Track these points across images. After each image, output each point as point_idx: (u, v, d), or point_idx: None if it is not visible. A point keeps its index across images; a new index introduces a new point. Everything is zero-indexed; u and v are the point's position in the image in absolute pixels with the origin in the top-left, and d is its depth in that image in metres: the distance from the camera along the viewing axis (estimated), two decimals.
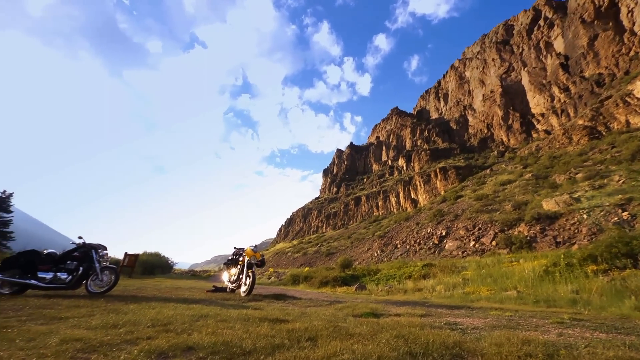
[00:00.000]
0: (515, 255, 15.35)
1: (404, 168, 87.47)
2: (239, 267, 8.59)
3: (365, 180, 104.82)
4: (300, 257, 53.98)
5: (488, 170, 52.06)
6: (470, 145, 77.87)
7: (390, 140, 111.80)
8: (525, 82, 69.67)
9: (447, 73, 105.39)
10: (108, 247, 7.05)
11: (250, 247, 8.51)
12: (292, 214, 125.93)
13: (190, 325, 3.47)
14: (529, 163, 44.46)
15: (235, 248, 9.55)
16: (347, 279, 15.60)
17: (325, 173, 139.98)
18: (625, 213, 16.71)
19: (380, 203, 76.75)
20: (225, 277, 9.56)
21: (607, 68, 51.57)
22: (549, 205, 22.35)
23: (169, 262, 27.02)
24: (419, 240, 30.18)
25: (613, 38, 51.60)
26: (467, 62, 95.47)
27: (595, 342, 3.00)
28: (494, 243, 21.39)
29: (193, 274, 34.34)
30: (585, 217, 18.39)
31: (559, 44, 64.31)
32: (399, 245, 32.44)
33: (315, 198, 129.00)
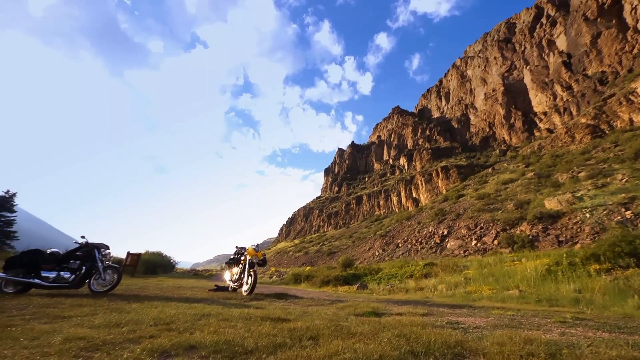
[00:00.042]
0: (517, 255, 15.30)
1: (406, 167, 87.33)
2: (241, 266, 8.61)
3: (367, 180, 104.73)
4: (302, 256, 54.04)
5: (490, 169, 51.86)
6: (472, 144, 77.59)
7: (392, 140, 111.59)
8: (528, 80, 69.30)
9: (448, 72, 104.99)
10: (110, 246, 7.09)
11: (252, 246, 8.52)
12: (293, 214, 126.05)
13: (193, 324, 3.49)
14: (531, 162, 44.24)
15: (237, 247, 9.57)
16: (348, 278, 15.61)
17: (327, 172, 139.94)
18: (629, 212, 16.60)
19: (382, 202, 76.66)
20: (227, 276, 9.58)
21: (610, 66, 51.21)
22: (552, 204, 22.24)
23: (171, 261, 27.14)
24: (421, 240, 30.14)
25: (616, 36, 51.21)
26: (468, 60, 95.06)
27: (598, 341, 2.99)
28: (496, 242, 21.32)
29: (195, 273, 34.47)
30: (588, 216, 18.30)
31: (562, 42, 63.90)
32: (401, 245, 32.40)
33: (317, 197, 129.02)
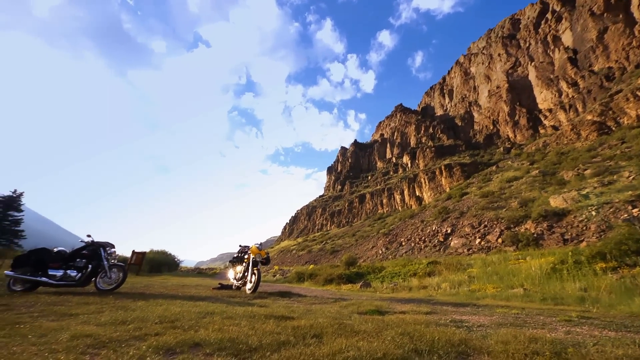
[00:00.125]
0: (522, 253, 15.19)
1: (409, 165, 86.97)
2: (245, 264, 8.65)
3: (370, 178, 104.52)
4: (305, 254, 54.16)
5: (494, 167, 51.45)
6: (476, 142, 77.01)
7: (395, 138, 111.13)
8: (532, 77, 68.50)
9: (452, 69, 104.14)
10: (115, 245, 7.16)
11: (256, 245, 8.55)
12: (296, 212, 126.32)
13: (197, 322, 3.52)
14: (536, 159, 43.80)
15: (241, 246, 9.61)
16: (351, 277, 15.62)
17: (330, 171, 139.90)
18: (636, 210, 16.38)
19: (385, 200, 76.49)
20: (231, 274, 9.63)
21: (617, 61, 50.41)
22: (557, 202, 22.02)
23: (176, 260, 27.35)
24: (424, 238, 30.04)
25: (623, 31, 50.36)
26: (472, 57, 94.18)
27: (604, 340, 2.96)
28: (500, 240, 21.18)
29: (199, 272, 34.73)
30: (594, 214, 18.09)
31: (567, 38, 63.02)
32: (404, 243, 32.33)
33: (320, 196, 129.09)
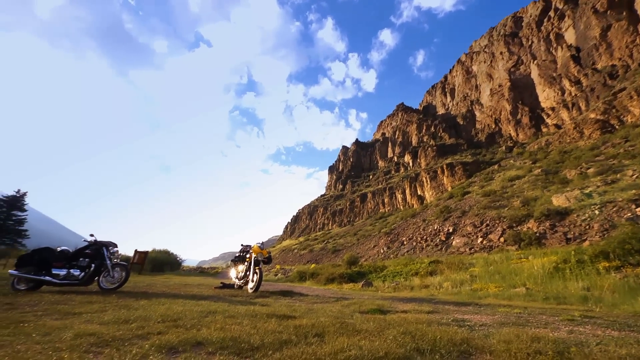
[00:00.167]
0: (524, 252, 15.13)
1: (410, 164, 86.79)
2: (246, 264, 8.67)
3: (371, 177, 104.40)
4: (307, 254, 54.23)
5: (496, 166, 51.26)
6: (478, 141, 76.73)
7: (396, 137, 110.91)
8: (535, 75, 68.12)
9: (453, 67, 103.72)
10: (118, 244, 7.19)
11: (257, 244, 8.57)
12: (298, 212, 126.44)
13: (199, 321, 3.53)
14: (539, 158, 43.60)
15: (242, 245, 9.62)
16: (353, 276, 15.62)
17: (331, 170, 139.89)
18: (639, 209, 16.29)
19: (386, 200, 76.41)
20: (233, 273, 9.66)
21: (620, 59, 50.03)
22: (559, 201, 21.92)
23: (178, 259, 27.43)
24: (426, 237, 29.99)
25: (627, 28, 49.96)
26: (474, 56, 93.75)
27: (608, 339, 2.94)
28: (502, 239, 21.12)
29: (201, 271, 34.86)
30: (597, 212, 17.99)
31: (570, 36, 62.60)
32: (406, 242, 32.30)
33: (321, 195, 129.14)
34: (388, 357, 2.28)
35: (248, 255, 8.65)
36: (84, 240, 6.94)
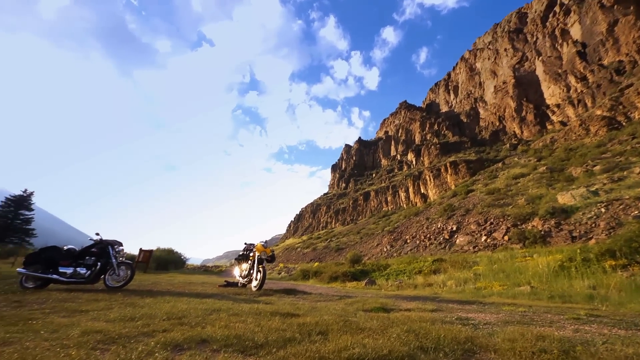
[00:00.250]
0: (529, 250, 15.02)
1: (414, 162, 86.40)
2: (250, 262, 8.71)
3: (374, 176, 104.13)
4: (310, 252, 54.34)
5: (500, 164, 50.85)
6: (482, 139, 76.12)
7: (399, 135, 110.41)
8: (540, 72, 67.31)
9: (457, 65, 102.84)
10: (123, 243, 7.27)
11: (261, 242, 8.61)
12: (301, 210, 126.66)
13: (204, 319, 3.56)
14: (544, 156, 43.16)
15: (246, 244, 9.67)
16: (356, 274, 15.63)
17: (334, 169, 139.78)
18: None
19: (390, 198, 76.20)
20: (237, 272, 9.71)
21: (627, 55, 49.21)
22: (565, 199, 21.70)
23: (182, 257, 27.62)
24: (429, 235, 29.88)
25: (634, 23, 49.09)
26: (478, 52, 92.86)
27: (614, 338, 2.92)
28: (507, 238, 20.97)
29: (205, 269, 35.10)
30: (603, 210, 17.78)
31: (576, 31, 61.69)
32: (409, 241, 32.21)
33: (324, 194, 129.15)
34: (392, 355, 2.28)
35: (251, 254, 8.70)
36: (90, 239, 7.03)
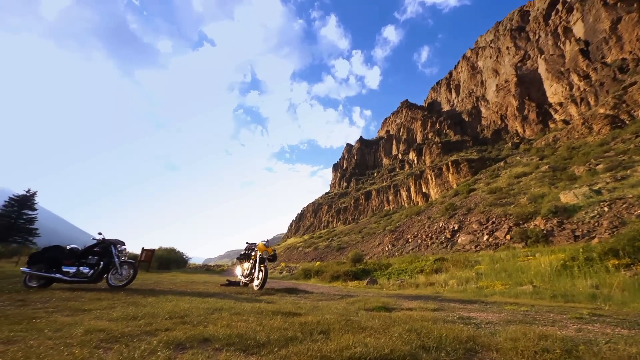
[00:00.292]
0: (531, 250, 14.97)
1: (415, 162, 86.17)
2: (252, 261, 8.73)
3: (376, 175, 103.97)
4: (311, 251, 54.39)
5: (502, 163, 50.64)
6: (484, 137, 75.81)
7: (401, 134, 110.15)
8: (542, 70, 66.91)
9: (458, 63, 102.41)
10: (125, 242, 7.31)
11: (262, 242, 8.63)
12: (302, 209, 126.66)
13: (206, 318, 3.57)
14: (546, 154, 42.95)
15: (248, 243, 9.70)
16: (358, 274, 15.63)
17: (335, 168, 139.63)
18: None
19: (391, 197, 76.08)
20: (239, 271, 9.74)
21: (631, 52, 48.82)
22: (567, 198, 21.59)
23: (184, 257, 27.72)
24: (431, 235, 29.83)
25: (638, 20, 48.67)
26: (479, 51, 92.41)
27: (617, 338, 2.90)
28: (509, 237, 20.90)
29: (207, 269, 35.21)
30: (606, 209, 17.68)
31: (579, 29, 61.26)
32: (411, 240, 32.17)
33: (326, 193, 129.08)
34: (393, 354, 2.28)
35: (253, 253, 8.72)
36: (93, 239, 7.08)
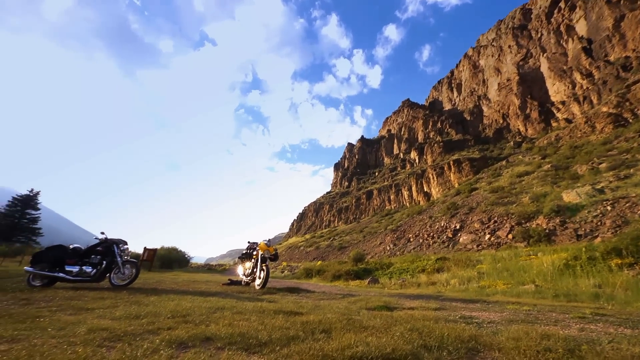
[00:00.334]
0: (534, 249, 14.91)
1: (417, 161, 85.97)
2: (253, 261, 8.75)
3: (377, 174, 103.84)
4: (313, 251, 54.43)
5: (504, 162, 50.45)
6: (485, 136, 75.53)
7: (402, 133, 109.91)
8: (545, 68, 66.53)
9: (460, 62, 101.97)
10: (127, 242, 7.34)
11: (264, 241, 8.64)
12: (304, 209, 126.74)
13: (208, 317, 3.58)
14: (548, 153, 42.74)
15: (249, 242, 9.71)
16: (359, 273, 15.64)
17: (337, 167, 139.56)
18: None
19: (393, 197, 75.97)
20: (240, 270, 9.76)
21: (634, 50, 48.45)
22: (570, 197, 21.49)
23: (186, 256, 27.81)
24: (433, 234, 29.78)
25: None
26: (481, 50, 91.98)
27: (620, 337, 2.89)
28: (511, 236, 20.83)
29: (209, 268, 35.32)
30: (609, 208, 17.58)
31: (582, 27, 60.85)
32: (412, 239, 32.13)
33: (327, 192, 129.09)
34: (395, 353, 2.28)
35: (255, 253, 8.73)
36: (95, 238, 7.11)
